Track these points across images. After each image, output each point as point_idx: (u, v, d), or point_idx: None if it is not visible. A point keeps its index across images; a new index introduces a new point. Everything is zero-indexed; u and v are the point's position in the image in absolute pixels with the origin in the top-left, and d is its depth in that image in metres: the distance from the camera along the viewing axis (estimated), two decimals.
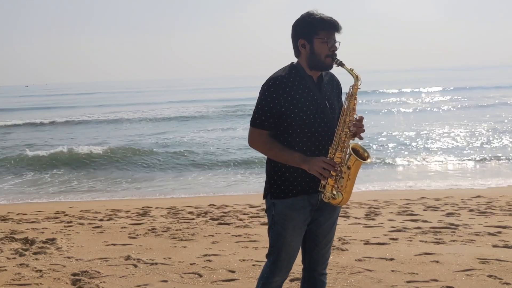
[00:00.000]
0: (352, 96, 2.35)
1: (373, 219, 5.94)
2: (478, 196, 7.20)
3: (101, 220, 6.43)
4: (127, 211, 6.97)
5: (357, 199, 7.32)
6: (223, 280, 3.95)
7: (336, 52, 2.37)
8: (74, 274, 4.13)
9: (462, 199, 7.01)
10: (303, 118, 2.35)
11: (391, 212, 6.31)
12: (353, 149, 2.31)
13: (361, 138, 2.38)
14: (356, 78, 2.35)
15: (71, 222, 6.31)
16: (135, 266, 4.34)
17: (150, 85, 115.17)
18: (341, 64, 2.36)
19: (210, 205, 7.22)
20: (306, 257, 2.59)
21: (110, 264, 4.43)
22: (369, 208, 6.63)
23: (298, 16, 2.43)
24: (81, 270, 4.22)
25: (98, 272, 4.17)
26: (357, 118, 2.35)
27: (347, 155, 2.31)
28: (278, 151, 2.37)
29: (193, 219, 6.27)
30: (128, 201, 8.39)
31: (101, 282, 3.94)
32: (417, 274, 3.94)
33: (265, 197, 2.51)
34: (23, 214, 6.96)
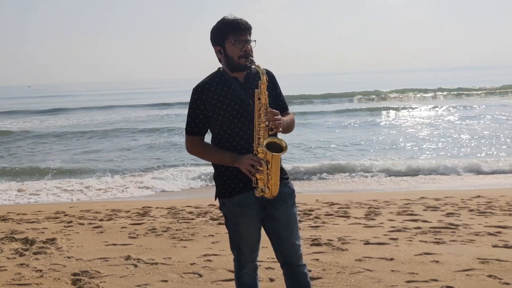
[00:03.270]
0: (260, 91, 2.41)
1: (373, 219, 5.94)
2: (478, 196, 7.20)
3: (101, 220, 6.43)
4: (127, 211, 6.97)
5: (357, 199, 7.32)
6: (223, 280, 3.95)
7: (249, 52, 2.43)
8: (74, 274, 4.13)
9: (462, 199, 7.01)
10: (231, 119, 2.45)
11: (391, 212, 6.31)
12: (268, 144, 2.38)
13: (279, 131, 2.44)
14: (262, 74, 2.41)
15: (71, 222, 6.31)
16: (135, 266, 4.35)
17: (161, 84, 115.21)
18: (251, 62, 2.43)
19: (210, 205, 7.21)
20: (277, 253, 2.66)
21: (110, 264, 4.43)
22: (369, 208, 6.63)
23: (299, 15, 2.46)
24: (81, 270, 4.23)
25: (98, 272, 4.17)
26: (271, 111, 2.41)
27: (265, 150, 2.37)
28: (212, 153, 2.51)
29: (193, 219, 6.27)
30: (128, 201, 8.39)
31: (101, 282, 3.94)
32: (417, 274, 3.94)
33: (215, 198, 2.63)
34: (23, 214, 6.97)
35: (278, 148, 2.38)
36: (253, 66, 2.43)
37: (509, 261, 4.15)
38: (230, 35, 2.42)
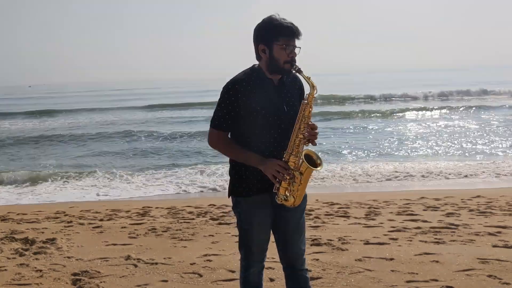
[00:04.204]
0: (307, 104, 2.40)
1: (373, 219, 5.94)
2: (478, 196, 7.19)
3: (101, 220, 6.43)
4: (127, 211, 6.97)
5: (357, 199, 7.32)
6: (223, 280, 3.95)
7: (295, 58, 2.42)
8: (74, 274, 4.14)
9: (462, 199, 7.01)
10: (261, 120, 2.41)
11: (391, 212, 6.31)
12: (306, 156, 2.38)
13: (314, 145, 2.45)
14: (312, 87, 2.39)
15: (71, 222, 6.31)
16: (135, 266, 4.35)
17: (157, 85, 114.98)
18: (299, 71, 2.41)
19: (210, 205, 7.21)
20: (282, 256, 2.66)
21: (110, 264, 4.43)
22: (369, 208, 6.63)
23: (294, 16, 2.45)
24: (81, 270, 4.23)
25: (98, 272, 4.18)
26: (311, 125, 2.41)
27: (300, 161, 2.37)
28: (236, 151, 2.46)
29: (193, 219, 6.28)
30: (128, 201, 8.39)
31: (101, 282, 3.94)
32: (417, 274, 3.94)
33: (229, 195, 2.61)
34: (23, 214, 6.96)
35: (312, 163, 2.38)
36: (301, 75, 2.41)
37: (509, 261, 4.15)
38: (281, 37, 2.38)
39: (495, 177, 9.48)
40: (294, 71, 2.42)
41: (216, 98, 2.50)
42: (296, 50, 2.42)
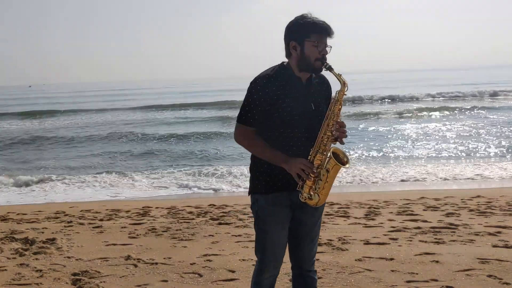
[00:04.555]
0: (337, 101, 2.38)
1: (373, 219, 5.94)
2: (478, 196, 7.19)
3: (101, 220, 6.43)
4: (127, 211, 6.97)
5: (357, 199, 7.32)
6: (223, 280, 3.95)
7: (326, 56, 2.40)
8: (74, 274, 4.14)
9: (462, 199, 7.01)
10: (287, 118, 2.39)
11: (391, 212, 6.31)
12: (334, 153, 2.35)
13: (342, 143, 2.42)
14: (343, 84, 2.38)
15: (71, 222, 6.31)
16: (135, 266, 4.35)
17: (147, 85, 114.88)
18: (330, 68, 2.39)
19: (210, 205, 7.22)
20: (292, 255, 2.63)
21: (110, 264, 4.43)
22: (369, 208, 6.63)
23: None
24: (81, 270, 4.23)
25: (98, 272, 4.18)
26: (340, 122, 2.38)
27: (327, 158, 2.35)
28: (261, 148, 2.42)
29: (193, 219, 6.28)
30: (128, 201, 8.39)
31: (101, 282, 3.94)
32: (417, 274, 3.94)
33: (249, 193, 2.57)
34: (23, 214, 6.97)
35: (339, 161, 2.34)
36: (332, 72, 2.39)
37: (509, 261, 4.15)
38: (313, 35, 2.35)
39: None
40: (325, 69, 2.39)
41: (210, 99, 2.47)
42: (328, 49, 2.40)
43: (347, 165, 2.36)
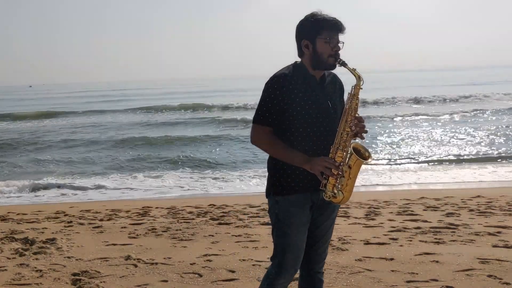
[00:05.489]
0: (354, 96, 2.35)
1: (373, 219, 5.94)
2: (478, 196, 7.19)
3: (101, 220, 6.43)
4: (127, 211, 6.97)
5: (357, 199, 7.32)
6: (223, 280, 3.95)
7: (339, 52, 2.37)
8: (74, 274, 4.13)
9: (462, 199, 7.01)
10: (305, 117, 2.35)
11: (391, 212, 6.31)
12: (355, 149, 2.31)
13: (362, 138, 2.38)
14: (359, 78, 2.35)
15: (71, 222, 6.31)
16: (135, 266, 4.35)
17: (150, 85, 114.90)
18: (343, 64, 2.36)
19: (210, 205, 7.22)
20: (304, 256, 2.58)
21: (110, 264, 4.43)
22: (369, 208, 6.63)
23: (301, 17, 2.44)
24: (81, 270, 4.23)
25: (98, 272, 4.17)
26: (359, 117, 2.35)
27: (348, 154, 2.31)
28: (281, 149, 2.37)
29: (193, 219, 6.28)
30: (128, 201, 8.39)
31: (101, 282, 3.94)
32: (417, 274, 3.94)
33: (267, 195, 2.50)
34: (23, 214, 6.96)
35: (360, 156, 2.30)
36: (346, 67, 2.35)
37: (509, 261, 4.15)
38: (325, 32, 2.34)
39: None
40: (338, 65, 2.37)
41: (198, 100, 2.44)
42: (340, 45, 2.38)
43: (369, 160, 2.32)
